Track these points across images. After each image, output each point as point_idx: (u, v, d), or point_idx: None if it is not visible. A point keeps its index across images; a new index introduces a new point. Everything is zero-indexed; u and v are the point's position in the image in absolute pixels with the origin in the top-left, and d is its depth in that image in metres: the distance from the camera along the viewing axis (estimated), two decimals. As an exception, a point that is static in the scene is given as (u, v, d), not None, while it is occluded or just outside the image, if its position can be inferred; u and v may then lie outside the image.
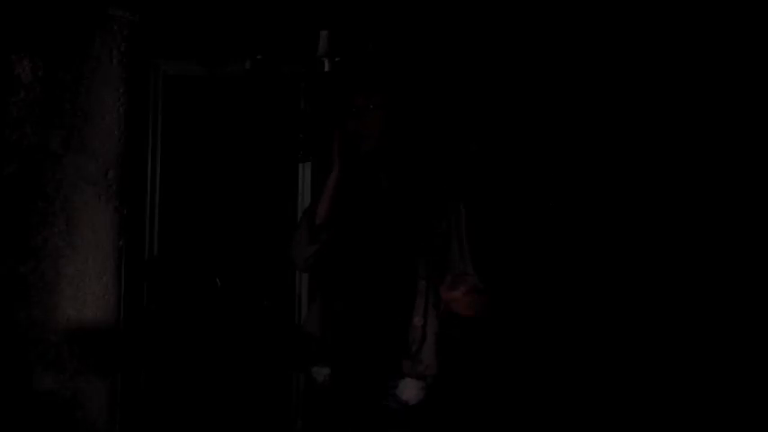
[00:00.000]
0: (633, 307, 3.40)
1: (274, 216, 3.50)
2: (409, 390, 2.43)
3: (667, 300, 3.40)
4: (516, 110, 3.46)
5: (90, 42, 3.23)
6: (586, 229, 3.44)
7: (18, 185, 3.16)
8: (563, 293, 3.40)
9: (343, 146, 2.46)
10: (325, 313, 2.51)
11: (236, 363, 3.39)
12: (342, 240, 2.46)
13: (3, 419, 3.12)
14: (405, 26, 3.36)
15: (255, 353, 3.40)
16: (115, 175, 3.28)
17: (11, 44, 3.14)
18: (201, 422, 3.40)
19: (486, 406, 3.28)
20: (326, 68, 3.09)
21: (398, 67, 3.11)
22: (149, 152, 3.41)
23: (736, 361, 3.37)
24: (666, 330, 3.40)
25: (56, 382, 3.20)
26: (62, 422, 3.20)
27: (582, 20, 3.43)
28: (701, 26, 3.40)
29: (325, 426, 2.54)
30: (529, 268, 3.40)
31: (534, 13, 3.43)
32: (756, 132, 3.41)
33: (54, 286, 3.20)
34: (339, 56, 3.10)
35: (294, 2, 3.38)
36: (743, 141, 3.42)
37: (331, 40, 3.11)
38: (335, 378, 2.48)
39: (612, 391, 3.38)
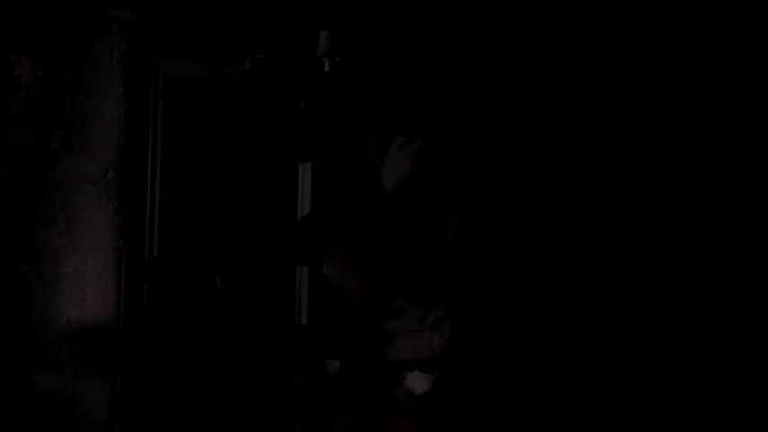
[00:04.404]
0: (635, 305, 3.41)
1: (274, 216, 3.50)
2: (418, 381, 2.47)
3: (668, 299, 3.41)
4: (514, 107, 3.46)
5: (90, 42, 3.23)
6: (586, 228, 3.45)
7: (18, 185, 3.16)
8: (565, 292, 3.40)
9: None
10: (338, 307, 2.57)
11: (236, 362, 3.39)
12: (361, 232, 2.55)
13: (3, 419, 3.12)
14: (405, 26, 3.36)
15: (255, 353, 3.40)
16: (115, 175, 3.28)
17: (11, 44, 3.14)
18: (202, 422, 3.40)
19: (493, 400, 3.29)
20: (326, 68, 3.10)
21: (437, 100, 3.14)
22: (149, 152, 3.41)
23: (735, 361, 3.38)
24: (667, 329, 3.41)
25: (56, 383, 3.19)
26: (62, 422, 3.20)
27: (579, 20, 3.44)
28: (702, 25, 3.41)
29: (332, 417, 2.59)
30: (530, 266, 3.41)
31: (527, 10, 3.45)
32: (752, 131, 3.42)
33: (54, 286, 3.19)
34: (339, 56, 3.11)
35: (294, 2, 3.38)
36: (742, 140, 3.43)
37: (331, 40, 3.11)
38: (345, 370, 2.54)
39: (613, 390, 3.39)
